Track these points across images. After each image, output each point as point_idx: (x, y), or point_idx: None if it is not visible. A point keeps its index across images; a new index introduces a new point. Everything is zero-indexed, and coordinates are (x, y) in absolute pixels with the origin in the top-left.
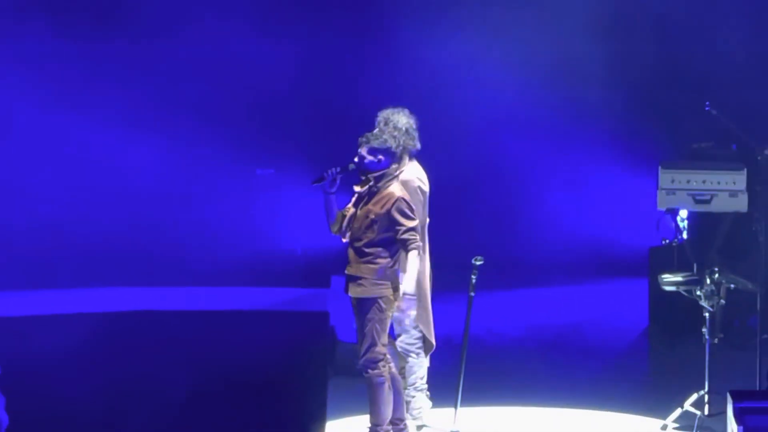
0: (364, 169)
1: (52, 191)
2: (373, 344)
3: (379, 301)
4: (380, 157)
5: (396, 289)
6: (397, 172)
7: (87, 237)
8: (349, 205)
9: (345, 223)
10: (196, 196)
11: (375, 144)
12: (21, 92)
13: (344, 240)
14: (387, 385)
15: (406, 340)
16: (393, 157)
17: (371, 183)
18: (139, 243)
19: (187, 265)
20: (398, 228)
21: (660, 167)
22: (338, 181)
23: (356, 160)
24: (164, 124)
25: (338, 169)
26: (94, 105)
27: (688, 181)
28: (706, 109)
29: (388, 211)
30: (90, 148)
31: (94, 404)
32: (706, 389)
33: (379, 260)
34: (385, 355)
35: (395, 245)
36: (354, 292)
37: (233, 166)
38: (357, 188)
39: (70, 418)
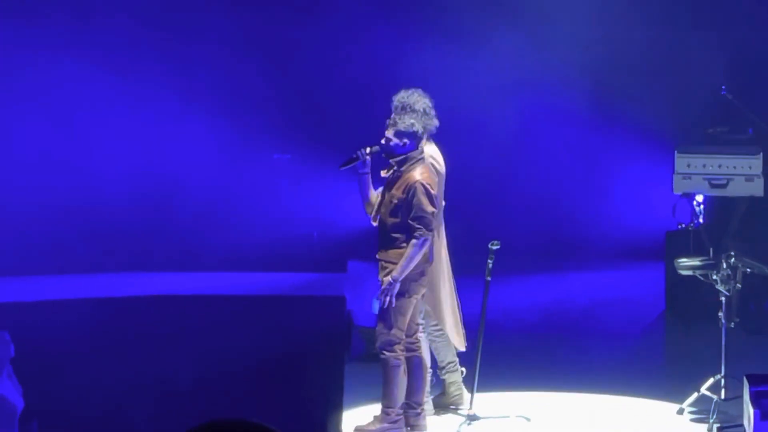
0: (389, 152)
1: (70, 176)
2: (391, 327)
3: (405, 284)
4: (405, 140)
5: (423, 273)
6: (421, 156)
7: (103, 222)
8: (379, 189)
9: (375, 208)
10: (212, 181)
11: (401, 127)
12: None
13: (374, 224)
14: (402, 368)
15: (428, 325)
16: (418, 140)
17: (395, 168)
18: (155, 228)
19: (203, 250)
20: (412, 213)
21: (676, 152)
22: (369, 162)
23: (382, 142)
24: (180, 110)
25: (366, 151)
26: (109, 87)
27: (704, 166)
28: (722, 93)
29: (407, 196)
30: (106, 132)
31: (111, 390)
32: (723, 373)
33: (404, 245)
34: (402, 338)
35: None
36: (381, 276)
37: (250, 151)
38: (383, 173)
39: (85, 403)
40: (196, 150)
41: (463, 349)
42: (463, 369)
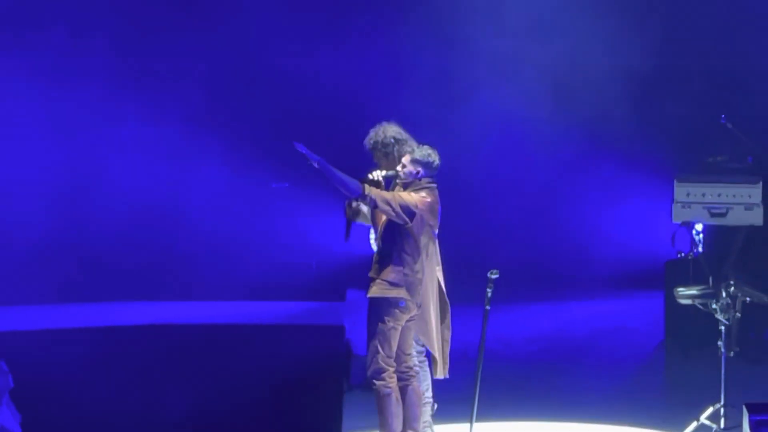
0: (404, 178)
1: (65, 206)
2: (376, 355)
3: (386, 308)
4: (419, 168)
5: (403, 303)
6: (430, 184)
7: (100, 252)
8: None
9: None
10: (210, 210)
11: (417, 156)
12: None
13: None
14: (394, 397)
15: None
16: (432, 170)
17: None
18: (154, 257)
19: (202, 279)
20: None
21: (675, 181)
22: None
23: (398, 169)
24: (178, 137)
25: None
26: (108, 121)
27: (704, 195)
28: (722, 122)
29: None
30: (104, 162)
31: (109, 419)
32: (722, 402)
33: (390, 263)
34: (390, 366)
35: (407, 253)
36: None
37: (248, 179)
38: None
39: None
40: (194, 180)
41: (442, 376)
42: (436, 404)
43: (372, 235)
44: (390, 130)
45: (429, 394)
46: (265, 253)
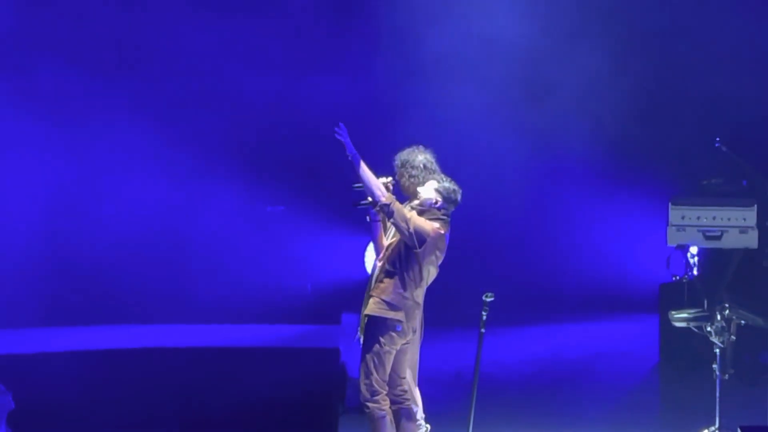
0: (420, 204)
1: (59, 228)
2: (369, 377)
3: (383, 330)
4: (439, 199)
5: (397, 328)
6: (444, 216)
7: (95, 275)
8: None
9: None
10: (206, 234)
11: (442, 187)
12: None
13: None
14: (388, 419)
15: None
16: (451, 204)
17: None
18: (149, 280)
19: (197, 302)
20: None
21: (670, 204)
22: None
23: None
24: (174, 160)
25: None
26: (100, 142)
27: (698, 218)
28: (716, 145)
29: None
30: (98, 185)
31: None
32: (717, 425)
33: (392, 285)
34: (384, 389)
35: (410, 278)
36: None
37: (243, 204)
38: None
39: None
40: (189, 203)
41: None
42: (428, 426)
43: (367, 255)
44: (422, 156)
45: (421, 414)
46: (261, 277)
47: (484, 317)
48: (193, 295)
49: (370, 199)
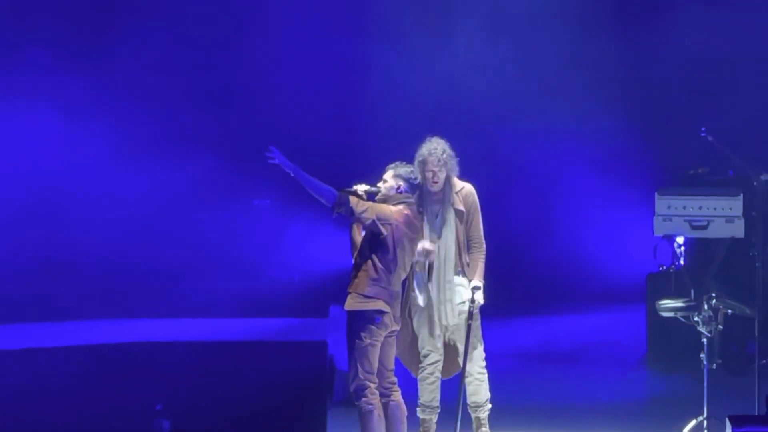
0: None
1: (44, 222)
2: (356, 372)
3: (361, 324)
4: (401, 183)
5: (379, 320)
6: (408, 199)
7: (83, 269)
8: None
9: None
10: (192, 227)
11: (402, 171)
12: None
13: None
14: (376, 413)
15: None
16: (414, 188)
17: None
18: (135, 274)
19: (183, 296)
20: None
21: (656, 194)
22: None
23: (379, 185)
24: (160, 153)
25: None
26: (87, 133)
27: (685, 208)
28: (702, 135)
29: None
30: (84, 177)
31: None
32: (705, 415)
33: (366, 277)
34: (372, 382)
35: (383, 266)
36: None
37: (230, 197)
38: None
39: None
40: (175, 197)
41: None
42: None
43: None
44: (446, 145)
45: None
46: (248, 270)
47: (472, 309)
48: (179, 289)
49: (352, 189)
